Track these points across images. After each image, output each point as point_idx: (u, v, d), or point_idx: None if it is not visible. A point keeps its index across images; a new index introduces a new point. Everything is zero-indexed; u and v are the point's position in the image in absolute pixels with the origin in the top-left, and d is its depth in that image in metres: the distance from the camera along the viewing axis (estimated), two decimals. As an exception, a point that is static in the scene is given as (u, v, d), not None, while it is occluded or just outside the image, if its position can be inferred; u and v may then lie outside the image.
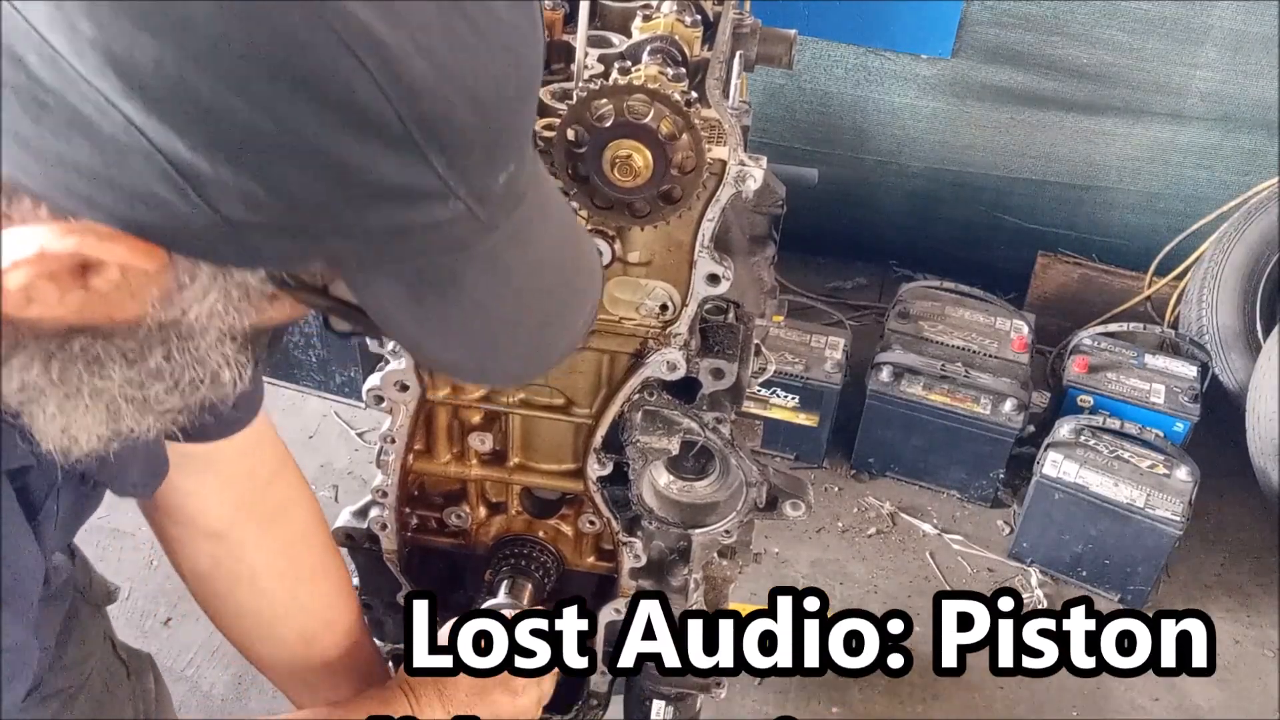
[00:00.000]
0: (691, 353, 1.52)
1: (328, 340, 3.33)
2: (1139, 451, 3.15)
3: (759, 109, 3.88)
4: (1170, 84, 3.74)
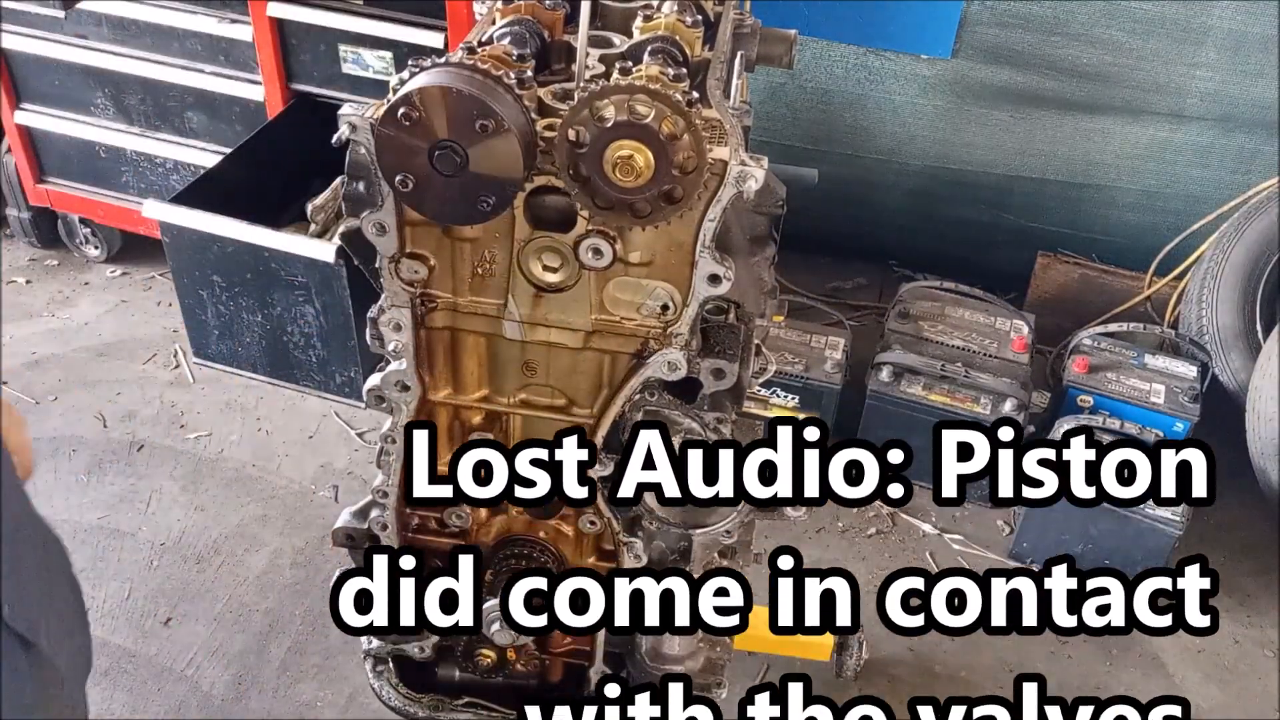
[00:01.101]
0: (692, 353, 1.52)
1: (328, 340, 3.33)
2: (1139, 451, 3.15)
3: (760, 108, 3.88)
4: (1170, 84, 3.74)
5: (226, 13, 3.48)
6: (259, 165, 3.53)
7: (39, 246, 4.29)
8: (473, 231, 1.48)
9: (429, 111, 1.30)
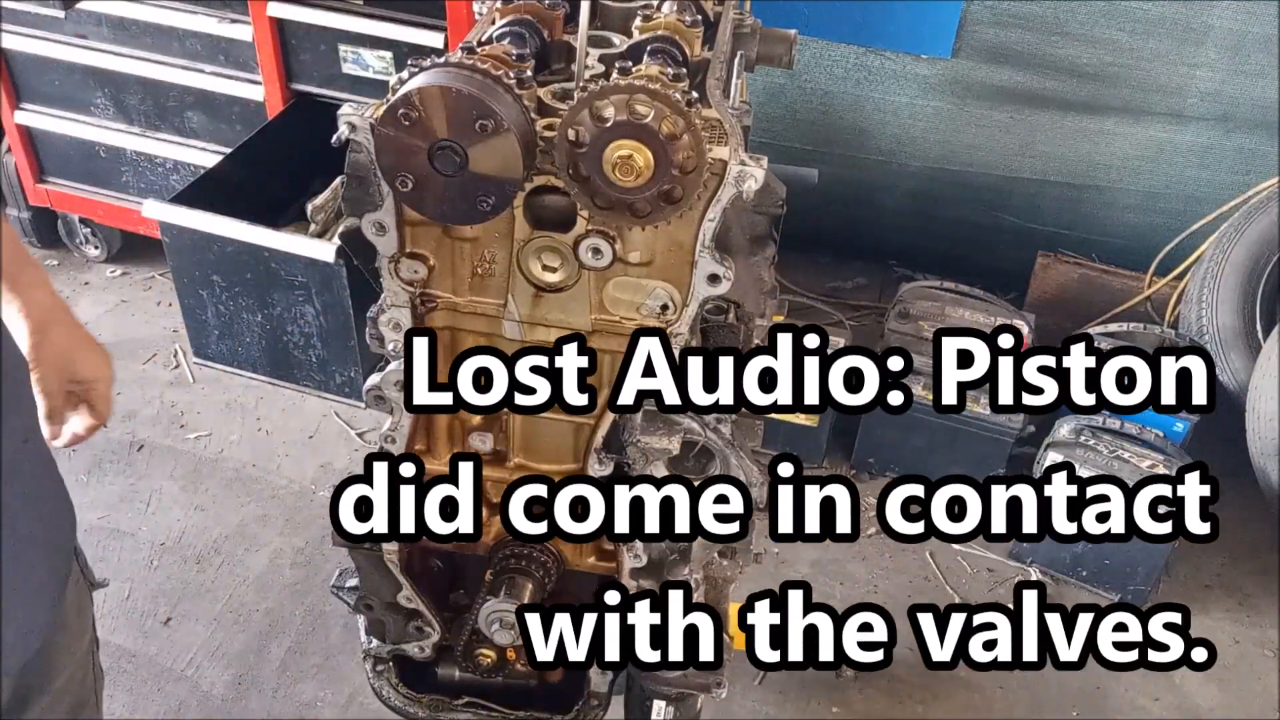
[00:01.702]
0: (692, 353, 1.52)
1: (328, 340, 3.33)
2: (1139, 451, 3.15)
3: (759, 108, 3.88)
4: (1170, 84, 3.74)
5: (226, 13, 3.48)
6: (259, 165, 3.53)
7: (39, 246, 4.29)
8: (472, 231, 1.48)
9: (429, 111, 1.30)
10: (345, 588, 1.97)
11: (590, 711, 1.99)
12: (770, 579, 3.18)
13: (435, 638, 1.92)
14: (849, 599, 3.15)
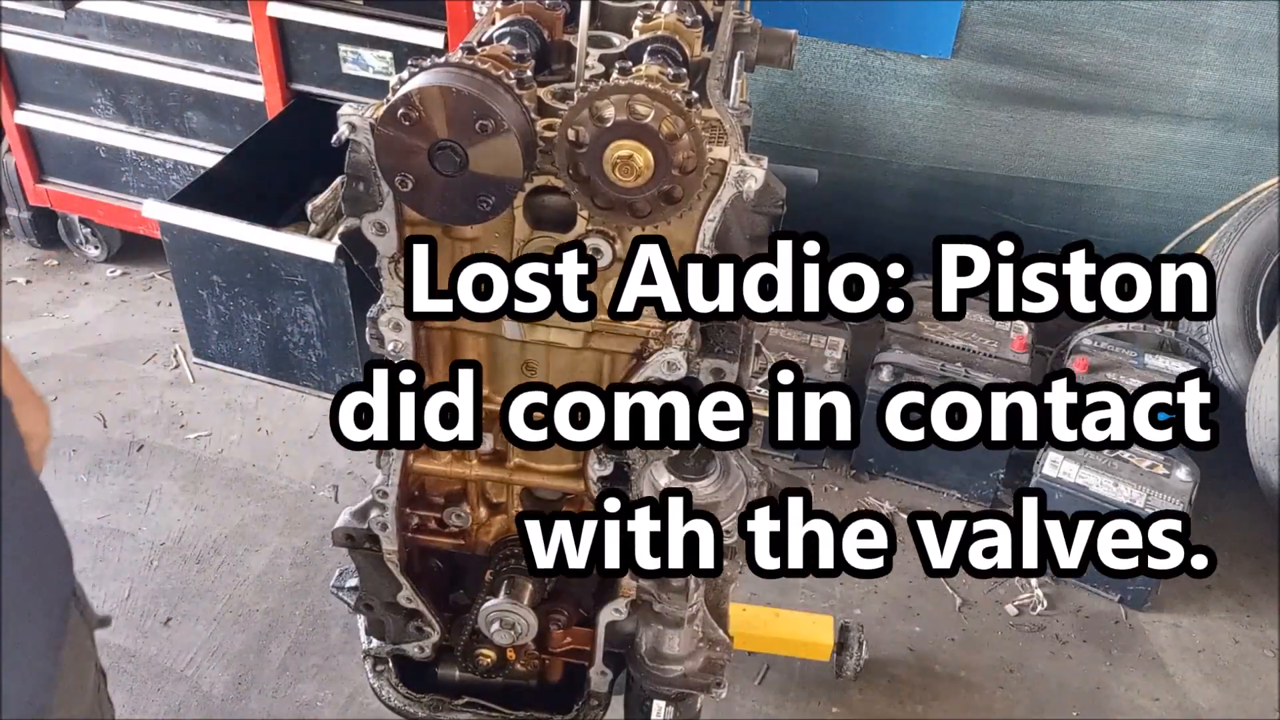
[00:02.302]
0: (692, 353, 1.52)
1: (328, 340, 3.33)
2: (1139, 451, 3.15)
3: (759, 108, 3.88)
4: (1170, 84, 3.74)
5: (226, 13, 3.48)
6: (259, 165, 3.53)
7: (39, 246, 4.29)
8: (473, 231, 1.48)
9: (429, 111, 1.30)
10: (345, 588, 1.97)
11: (590, 711, 1.99)
12: (770, 579, 3.18)
13: (435, 638, 1.92)
14: (849, 599, 3.15)
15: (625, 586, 1.79)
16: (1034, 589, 3.22)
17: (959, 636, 3.07)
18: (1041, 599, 3.19)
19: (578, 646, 1.94)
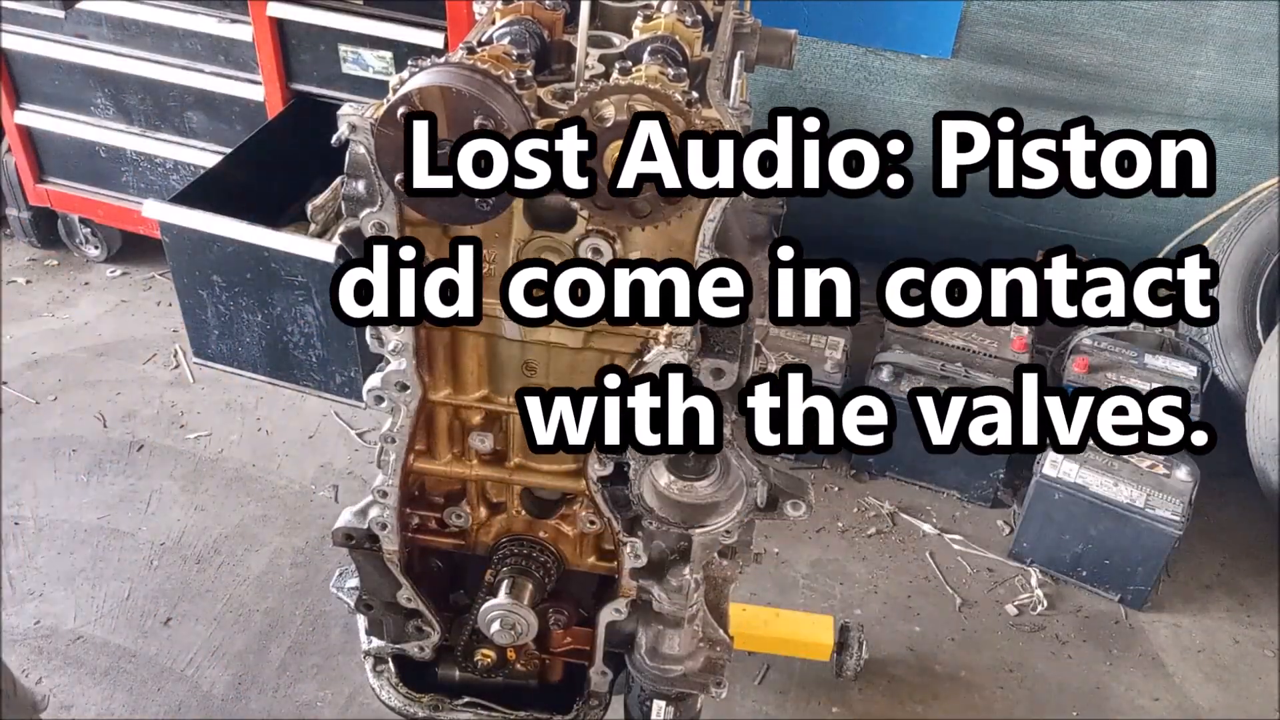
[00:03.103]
0: (692, 353, 1.51)
1: (328, 340, 3.33)
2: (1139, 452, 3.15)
3: (759, 109, 3.88)
4: (1170, 84, 3.74)
5: (226, 13, 3.48)
6: (259, 165, 3.53)
7: (39, 246, 4.29)
8: (472, 231, 1.48)
9: (429, 111, 1.30)
10: (345, 588, 1.97)
11: (590, 711, 1.99)
12: (770, 579, 3.18)
13: (435, 638, 1.92)
14: (849, 599, 3.15)
15: (625, 586, 1.79)
16: (1034, 589, 3.22)
17: (959, 636, 3.07)
18: (1041, 599, 3.20)
19: (578, 646, 1.94)
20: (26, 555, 3.11)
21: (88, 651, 2.87)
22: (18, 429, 3.51)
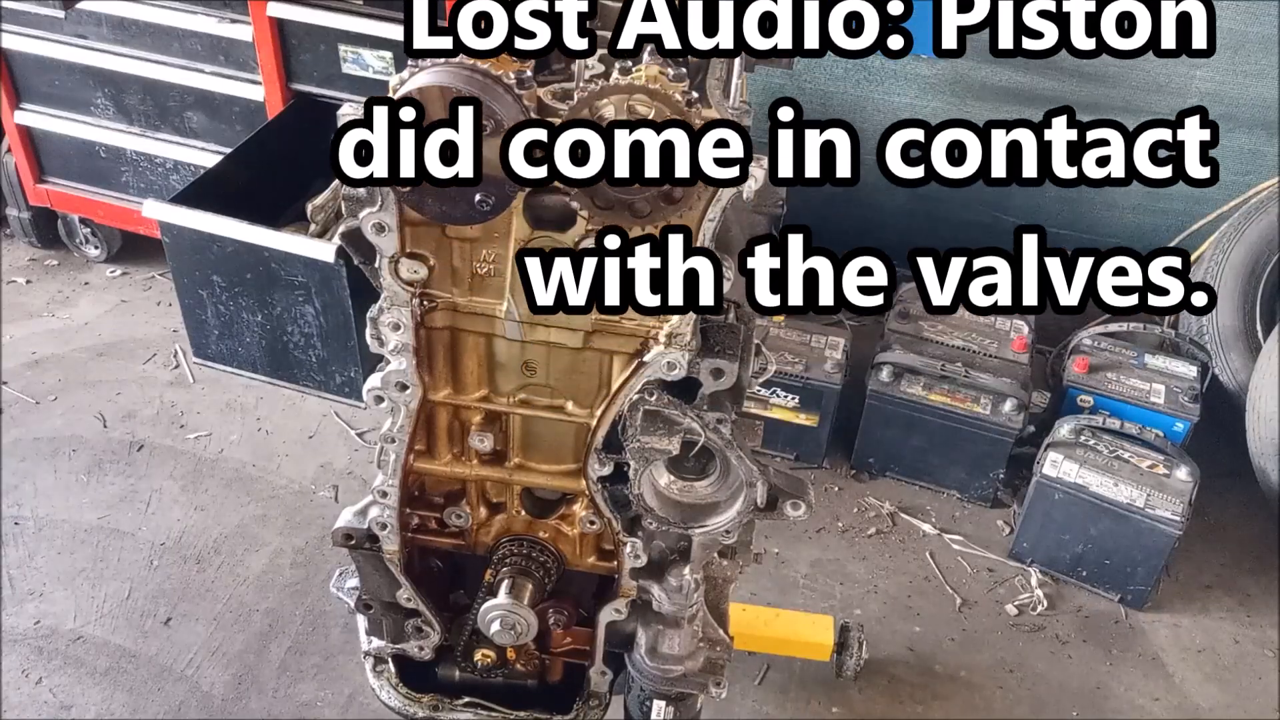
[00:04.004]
0: (692, 353, 1.51)
1: (328, 340, 3.33)
2: (1139, 451, 3.15)
3: (759, 109, 3.88)
4: (1170, 84, 3.74)
5: (226, 13, 3.48)
6: (259, 165, 3.53)
7: (39, 246, 4.29)
8: (472, 231, 1.48)
9: (429, 111, 1.30)
10: (345, 588, 1.97)
11: (590, 711, 1.99)
12: (770, 579, 3.18)
13: (435, 638, 1.92)
14: (849, 599, 3.15)
15: (625, 586, 1.79)
16: (1034, 589, 3.22)
17: (959, 636, 3.07)
18: (1041, 599, 3.20)
19: (578, 646, 1.94)
20: (26, 555, 3.11)
21: (88, 651, 2.87)
22: (18, 429, 3.51)
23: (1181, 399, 3.36)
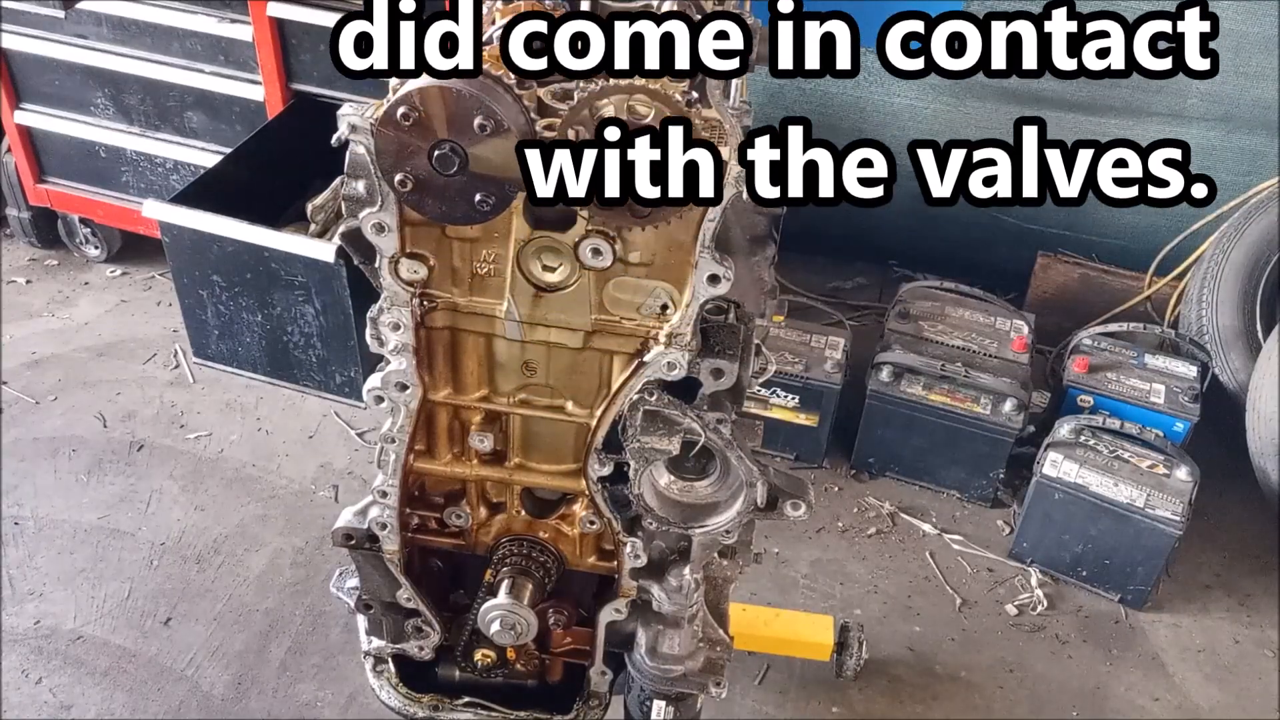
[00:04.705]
0: (692, 353, 1.51)
1: (328, 340, 3.33)
2: (1139, 451, 3.15)
3: (759, 109, 3.88)
4: (1170, 84, 3.74)
5: (226, 13, 3.48)
6: (259, 165, 3.53)
7: (39, 246, 4.29)
8: (473, 231, 1.48)
9: (429, 111, 1.30)
10: (345, 588, 1.97)
11: (590, 711, 1.99)
12: (770, 579, 3.18)
13: (435, 638, 1.92)
14: (849, 599, 3.15)
15: (625, 586, 1.79)
16: (1034, 589, 3.22)
17: (959, 636, 3.07)
18: (1041, 599, 3.20)
19: (578, 646, 1.94)
20: (26, 555, 3.11)
21: (88, 651, 2.87)
22: (18, 429, 3.51)
23: (1181, 399, 3.36)
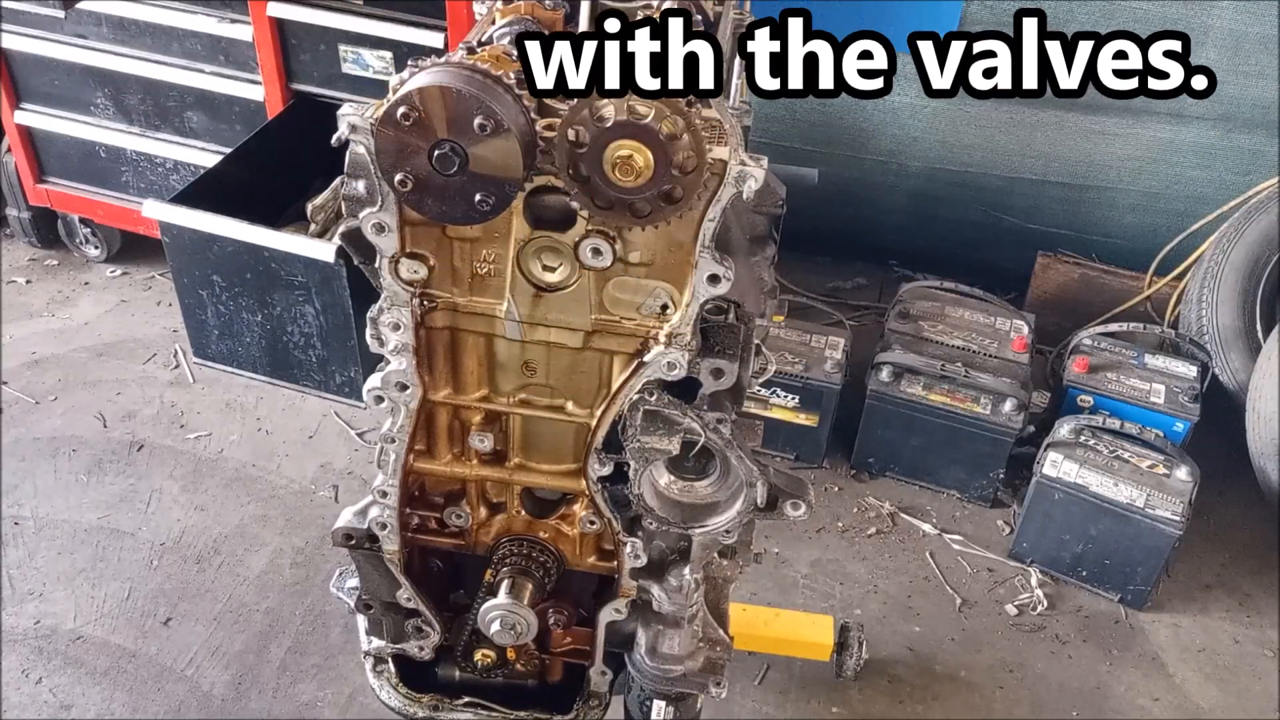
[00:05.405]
0: (692, 353, 1.52)
1: (328, 340, 3.33)
2: (1139, 451, 3.15)
3: (760, 110, 3.88)
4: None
5: (226, 13, 3.48)
6: (259, 165, 3.53)
7: (39, 246, 4.29)
8: (473, 231, 1.48)
9: (429, 111, 1.30)
10: (345, 588, 1.97)
11: (590, 711, 1.99)
12: (770, 579, 3.18)
13: (435, 638, 1.92)
14: (849, 599, 3.15)
15: (625, 586, 1.79)
16: (1034, 589, 3.22)
17: (959, 636, 3.07)
18: (1041, 599, 3.20)
19: (578, 646, 1.94)
20: (26, 555, 3.11)
21: (88, 651, 2.87)
22: (18, 429, 3.51)
23: (1181, 399, 3.36)
